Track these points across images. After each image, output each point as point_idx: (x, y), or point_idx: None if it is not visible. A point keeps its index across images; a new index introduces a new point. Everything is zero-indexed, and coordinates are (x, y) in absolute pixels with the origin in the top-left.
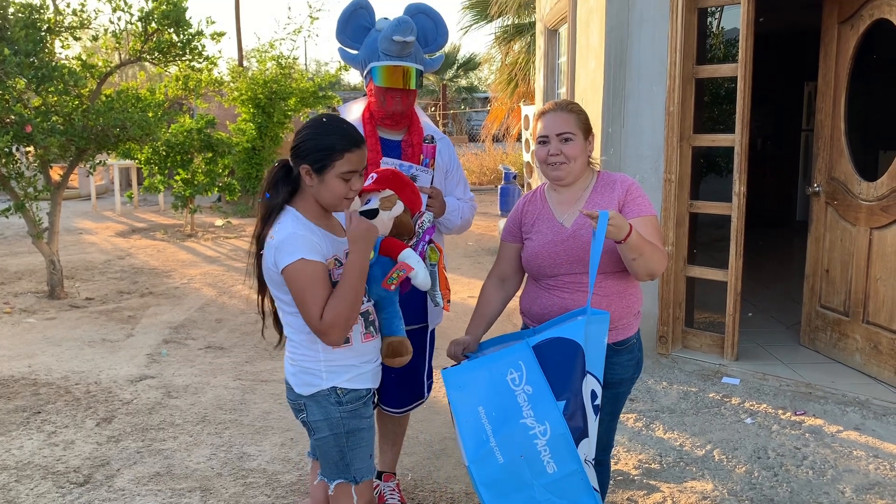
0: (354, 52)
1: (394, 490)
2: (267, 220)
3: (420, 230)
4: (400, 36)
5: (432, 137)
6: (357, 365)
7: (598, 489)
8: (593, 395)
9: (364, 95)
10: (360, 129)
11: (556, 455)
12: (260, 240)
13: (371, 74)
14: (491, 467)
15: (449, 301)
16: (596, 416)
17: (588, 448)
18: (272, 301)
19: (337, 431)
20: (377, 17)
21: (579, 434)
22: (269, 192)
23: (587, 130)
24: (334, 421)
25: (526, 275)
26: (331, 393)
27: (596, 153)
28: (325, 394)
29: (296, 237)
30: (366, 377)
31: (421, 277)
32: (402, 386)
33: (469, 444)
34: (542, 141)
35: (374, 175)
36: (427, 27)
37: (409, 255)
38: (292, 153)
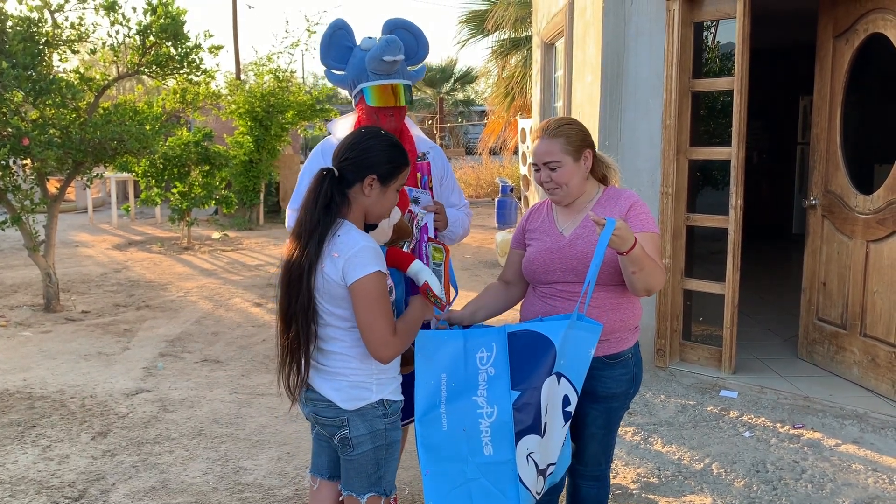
0: (341, 72)
1: None
2: (325, 235)
3: (416, 230)
4: (390, 56)
5: (425, 154)
6: (396, 377)
7: (528, 486)
8: (566, 400)
9: (353, 111)
10: None
11: (495, 440)
12: (310, 257)
13: (362, 94)
14: (434, 431)
15: (454, 299)
16: (565, 421)
17: (539, 447)
18: (306, 327)
19: (379, 444)
20: (357, 36)
21: (524, 428)
22: (326, 203)
23: (579, 149)
24: (378, 433)
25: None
26: (378, 406)
27: None
28: (372, 407)
29: (369, 249)
30: (399, 389)
31: (437, 288)
32: None
33: (421, 404)
34: (535, 168)
35: None
36: (409, 42)
37: (419, 269)
38: (354, 164)
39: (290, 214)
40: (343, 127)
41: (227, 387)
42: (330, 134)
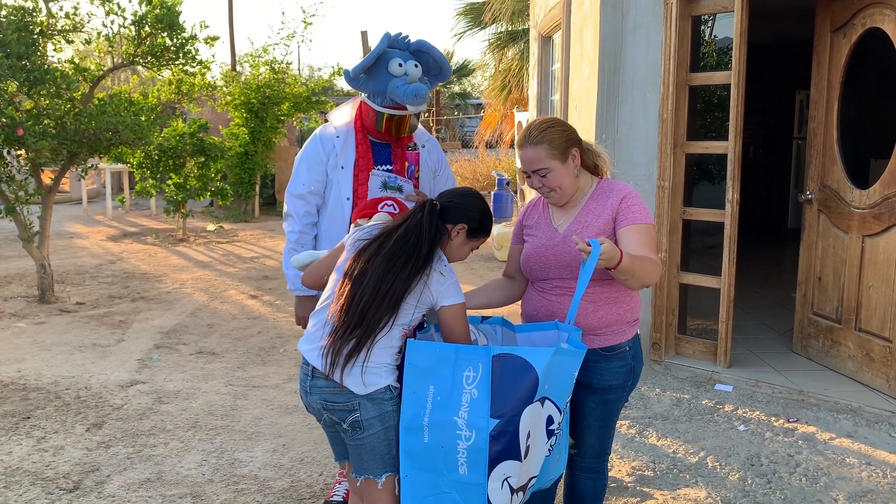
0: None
1: None
2: (436, 248)
3: None
4: (413, 107)
5: (415, 145)
6: (397, 367)
7: None
8: (549, 420)
9: (350, 100)
10: (352, 135)
11: (470, 463)
12: (424, 259)
13: (372, 99)
14: (415, 441)
15: None
16: (548, 438)
17: (517, 470)
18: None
19: (388, 424)
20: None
21: (501, 456)
22: (436, 226)
23: (564, 151)
24: (387, 415)
25: None
26: (386, 390)
27: None
28: (381, 391)
29: (458, 283)
30: (397, 378)
31: None
32: None
33: (407, 413)
34: (526, 175)
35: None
36: (429, 65)
37: None
38: (456, 207)
39: (291, 199)
40: (341, 115)
41: (222, 379)
42: (327, 122)
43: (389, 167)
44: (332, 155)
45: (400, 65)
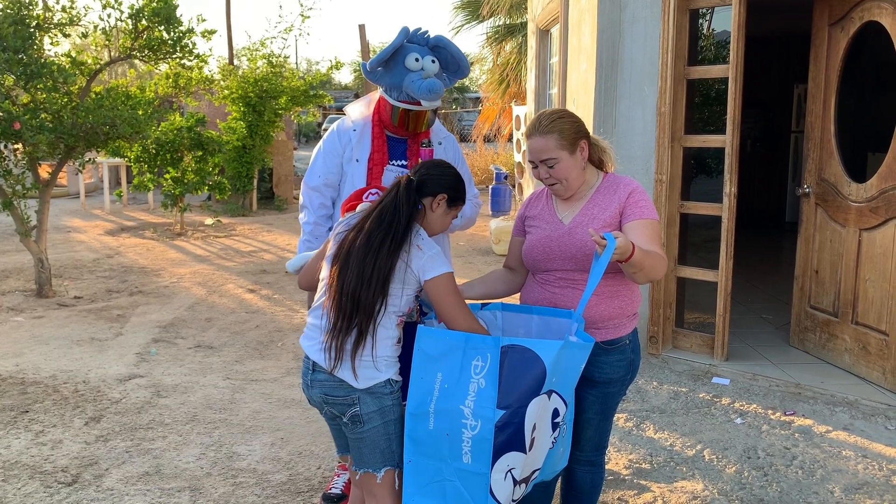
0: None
1: None
2: (413, 223)
3: None
4: (427, 103)
5: (429, 142)
6: (397, 361)
7: (499, 500)
8: (555, 413)
9: (361, 96)
10: (368, 129)
11: (474, 452)
12: (402, 235)
13: (389, 93)
14: (420, 427)
15: None
16: (553, 431)
17: (522, 462)
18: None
19: (388, 419)
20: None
21: (506, 447)
22: (412, 202)
23: (573, 142)
24: (387, 409)
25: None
26: (386, 384)
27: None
28: (381, 385)
29: (441, 253)
30: (398, 371)
31: None
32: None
33: (413, 399)
34: (532, 165)
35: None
36: (447, 62)
37: None
38: (433, 179)
39: (306, 191)
40: (358, 109)
41: (220, 372)
42: (345, 115)
43: (404, 162)
44: (347, 147)
45: (417, 59)
